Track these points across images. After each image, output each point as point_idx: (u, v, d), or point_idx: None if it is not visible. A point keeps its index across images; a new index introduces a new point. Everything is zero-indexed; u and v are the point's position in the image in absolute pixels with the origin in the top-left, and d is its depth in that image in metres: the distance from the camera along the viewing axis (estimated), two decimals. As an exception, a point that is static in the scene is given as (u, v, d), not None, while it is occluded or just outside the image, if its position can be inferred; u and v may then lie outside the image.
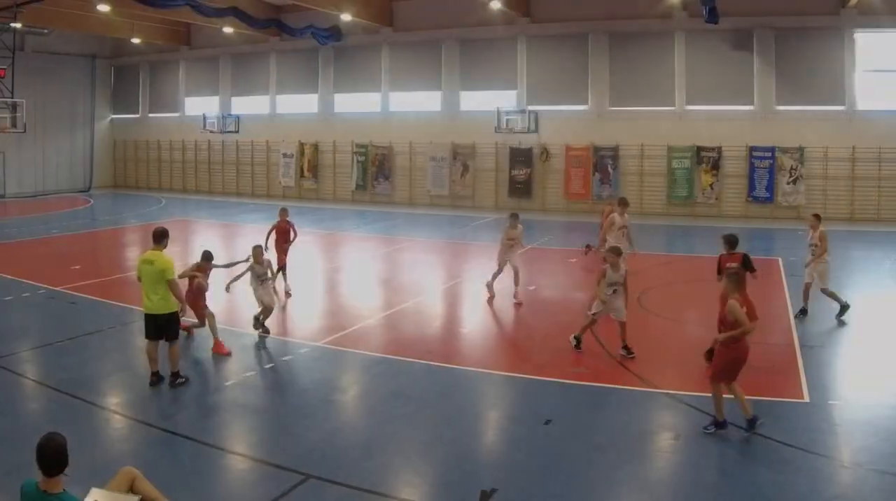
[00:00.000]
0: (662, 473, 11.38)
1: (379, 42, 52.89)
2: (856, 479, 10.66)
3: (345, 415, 13.81)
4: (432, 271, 28.60)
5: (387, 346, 17.71)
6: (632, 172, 47.27)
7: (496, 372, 15.80)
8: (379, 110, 53.13)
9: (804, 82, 44.46)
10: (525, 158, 49.14)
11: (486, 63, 50.18)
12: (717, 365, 12.32)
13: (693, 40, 46.26)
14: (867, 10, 41.96)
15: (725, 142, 44.94)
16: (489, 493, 10.18)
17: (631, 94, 47.36)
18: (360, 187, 53.37)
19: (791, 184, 44.72)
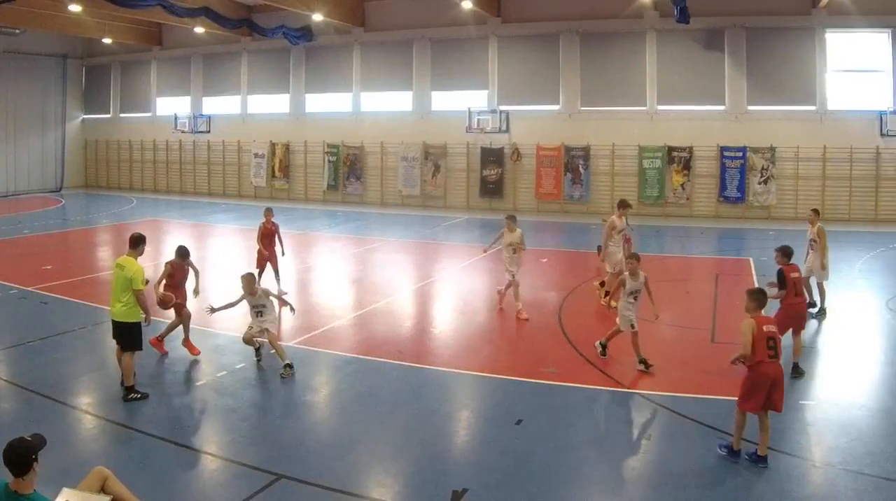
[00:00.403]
0: (634, 473, 11.00)
1: (350, 42, 51.48)
2: (827, 479, 10.41)
3: (316, 415, 13.52)
4: (404, 271, 27.85)
5: (358, 346, 17.31)
6: (603, 172, 46.08)
7: (468, 372, 15.35)
8: (350, 110, 51.85)
9: (775, 82, 43.38)
10: (496, 158, 47.84)
11: (458, 63, 48.92)
12: (740, 390, 11.26)
13: (664, 40, 45.02)
14: (838, 11, 41.00)
15: (697, 142, 43.88)
16: (461, 493, 9.95)
17: (602, 94, 46.19)
18: (332, 187, 51.77)
19: (762, 184, 43.52)
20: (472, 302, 21.97)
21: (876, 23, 41.39)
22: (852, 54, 42.80)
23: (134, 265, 13.34)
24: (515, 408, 13.18)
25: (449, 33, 48.30)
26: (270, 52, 53.90)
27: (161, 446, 11.61)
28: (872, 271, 26.49)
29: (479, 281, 22.87)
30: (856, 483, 10.14)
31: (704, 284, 24.33)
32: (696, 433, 12.10)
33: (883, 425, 12.45)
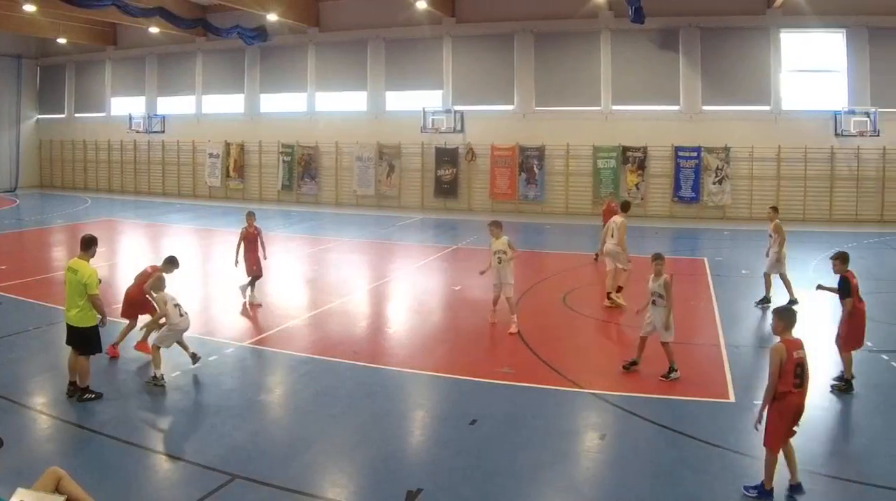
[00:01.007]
0: (589, 473, 10.60)
1: (305, 42, 49.21)
2: (782, 479, 9.69)
3: (271, 415, 12.93)
4: (359, 271, 26.68)
5: (313, 346, 16.69)
6: (558, 172, 44.34)
7: (422, 372, 14.81)
8: (305, 110, 49.60)
9: (730, 82, 41.47)
10: (451, 158, 45.88)
11: (412, 63, 46.97)
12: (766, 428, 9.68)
13: (619, 40, 43.08)
14: (793, 11, 39.29)
15: (651, 142, 42.16)
16: (415, 493, 9.55)
17: (557, 94, 44.35)
18: (286, 187, 49.47)
19: (717, 184, 41.54)
20: (427, 302, 21.30)
21: (831, 23, 39.79)
22: (807, 54, 41.11)
23: (87, 269, 12.51)
24: (470, 408, 12.70)
25: (403, 33, 46.36)
26: (225, 52, 51.43)
27: (115, 446, 11.13)
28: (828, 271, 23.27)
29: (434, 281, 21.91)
30: (810, 483, 9.70)
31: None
32: (651, 433, 11.69)
33: (837, 424, 12.21)
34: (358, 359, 15.39)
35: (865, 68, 39.96)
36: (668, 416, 12.07)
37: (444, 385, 14.14)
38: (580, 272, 25.59)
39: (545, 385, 13.84)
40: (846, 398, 13.15)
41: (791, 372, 9.27)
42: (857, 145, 39.42)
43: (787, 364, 9.27)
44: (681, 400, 12.77)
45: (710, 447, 10.94)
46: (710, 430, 11.48)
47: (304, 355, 15.87)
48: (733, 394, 13.31)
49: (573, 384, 13.81)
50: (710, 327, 17.92)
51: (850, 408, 12.79)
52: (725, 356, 15.36)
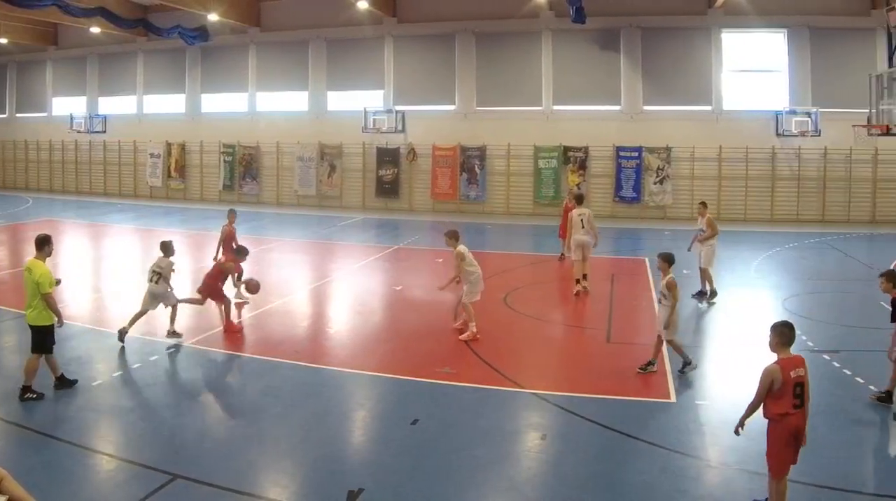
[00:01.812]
0: (529, 473, 9.95)
1: (246, 42, 45.71)
2: (723, 479, 9.52)
3: (213, 415, 12.22)
4: (300, 271, 25.10)
5: (255, 346, 15.78)
6: (499, 172, 41.25)
7: (364, 372, 13.99)
8: (246, 110, 45.80)
9: (671, 82, 38.76)
10: (392, 158, 42.72)
11: (353, 63, 43.74)
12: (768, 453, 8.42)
13: (560, 40, 40.18)
14: (734, 11, 36.88)
15: (592, 142, 39.34)
16: (356, 493, 9.00)
17: (498, 94, 41.26)
18: (228, 187, 45.59)
19: (658, 184, 38.70)
20: (368, 302, 20.19)
21: (772, 23, 37.29)
22: (748, 54, 38.52)
23: (40, 268, 11.88)
24: (412, 408, 12.03)
25: (345, 33, 43.20)
26: (166, 52, 47.66)
27: (57, 446, 10.44)
28: (769, 271, 24.33)
29: (376, 281, 20.98)
30: (752, 483, 9.21)
31: (600, 284, 21.78)
32: (591, 432, 11.07)
33: None
34: (299, 359, 14.65)
35: (807, 68, 37.51)
36: (609, 416, 11.49)
37: (386, 385, 13.41)
38: (521, 272, 24.17)
39: (486, 385, 13.12)
40: None
41: (790, 392, 8.06)
42: (799, 145, 36.98)
43: (786, 385, 8.05)
44: (622, 399, 12.25)
45: (651, 446, 10.39)
46: (651, 430, 10.97)
47: (246, 355, 15.12)
48: (674, 394, 12.64)
49: (514, 384, 13.11)
50: (651, 327, 16.16)
51: None
52: (666, 356, 14.22)
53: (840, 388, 12.90)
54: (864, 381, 13.07)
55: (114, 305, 18.84)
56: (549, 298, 21.07)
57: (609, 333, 16.72)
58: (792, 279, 23.35)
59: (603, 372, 13.91)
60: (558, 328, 17.62)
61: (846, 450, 10.38)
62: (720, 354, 15.42)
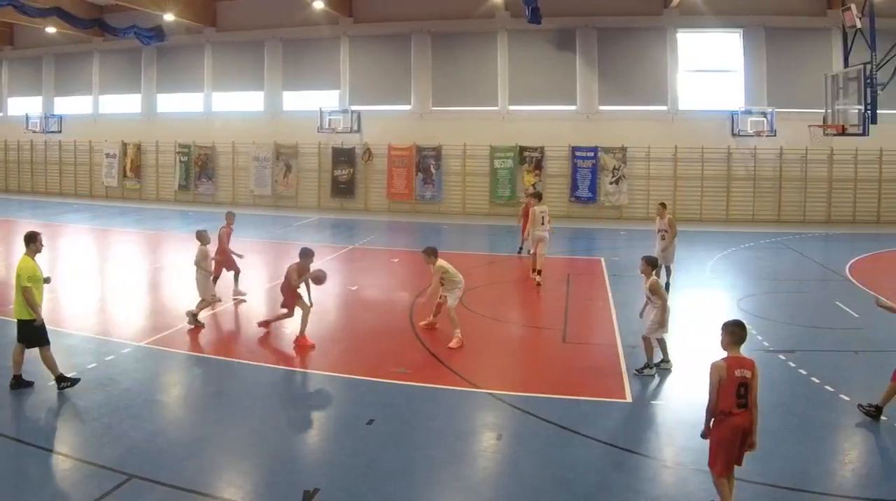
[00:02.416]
0: (485, 473, 9.36)
1: (202, 42, 42.63)
2: (678, 479, 8.96)
3: (168, 415, 11.23)
4: (255, 271, 22.85)
5: (210, 346, 14.80)
6: (455, 172, 38.62)
7: (319, 372, 13.20)
8: (202, 110, 42.62)
9: (627, 82, 36.39)
10: (348, 158, 39.91)
11: (309, 63, 40.88)
12: (710, 451, 7.96)
13: (516, 40, 37.67)
14: (690, 11, 34.74)
15: (548, 142, 36.90)
16: (312, 493, 8.50)
17: (454, 94, 38.61)
18: (183, 187, 42.45)
19: (614, 184, 36.36)
20: (323, 302, 17.79)
21: (727, 23, 35.10)
22: (704, 54, 36.24)
23: (23, 263, 11.43)
24: (367, 408, 11.22)
25: (300, 33, 40.35)
26: (122, 52, 44.44)
27: (12, 446, 9.84)
28: (724, 271, 23.19)
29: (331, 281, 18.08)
30: (707, 484, 8.32)
31: (556, 284, 20.85)
32: (547, 432, 10.30)
33: None
34: (254, 359, 13.87)
35: (762, 68, 35.35)
36: (565, 416, 10.82)
37: (341, 385, 12.64)
38: (477, 272, 22.31)
39: (442, 385, 12.45)
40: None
41: (733, 392, 7.65)
42: (754, 145, 34.89)
43: (728, 383, 7.67)
44: (577, 399, 11.58)
45: (606, 447, 9.82)
46: (606, 430, 10.40)
47: (201, 355, 14.25)
48: (629, 394, 11.95)
49: (470, 384, 12.43)
50: (607, 327, 16.09)
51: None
52: (622, 356, 13.76)
53: (796, 388, 12.25)
54: (820, 381, 12.43)
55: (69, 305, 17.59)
56: (505, 298, 19.88)
57: (565, 333, 15.75)
58: (747, 279, 22.20)
59: (559, 372, 13.19)
60: (514, 328, 16.60)
61: (802, 450, 9.79)
62: (675, 354, 13.99)
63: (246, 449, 10.13)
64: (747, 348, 13.63)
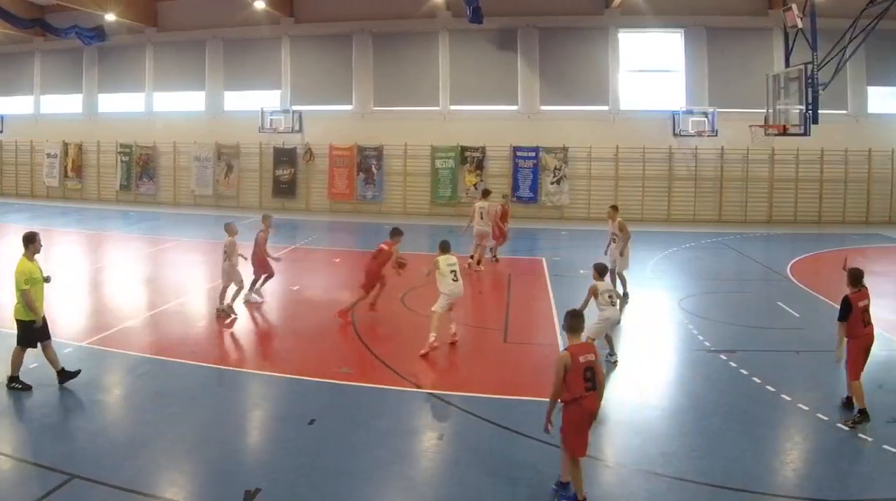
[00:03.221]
0: (427, 473, 8.82)
1: (143, 42, 38.50)
2: (620, 479, 8.50)
3: (110, 415, 10.48)
4: (197, 271, 21.80)
5: (151, 346, 13.39)
6: (396, 172, 35.07)
7: (261, 372, 12.18)
8: (143, 110, 38.69)
9: (568, 82, 33.26)
10: (289, 158, 36.15)
11: (251, 63, 36.89)
12: (562, 434, 7.84)
13: (457, 40, 34.31)
14: (631, 11, 31.70)
15: (489, 142, 33.58)
16: (253, 493, 7.97)
17: (395, 94, 35.08)
18: (125, 187, 38.22)
19: (555, 183, 33.12)
20: (265, 302, 17.11)
21: (669, 23, 32.16)
22: (645, 54, 33.17)
23: (20, 265, 10.76)
24: (309, 408, 10.36)
25: (242, 33, 36.45)
26: (64, 52, 40.10)
27: None
28: (665, 271, 21.67)
29: (273, 281, 17.74)
30: (648, 483, 8.26)
31: (498, 284, 19.69)
32: (489, 432, 9.68)
33: (675, 425, 10.02)
34: (196, 359, 12.68)
35: (704, 68, 32.38)
36: (506, 416, 10.00)
37: (283, 384, 11.59)
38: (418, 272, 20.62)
39: (384, 385, 11.48)
40: (685, 398, 11.04)
41: (581, 377, 7.53)
42: (696, 145, 31.91)
43: (575, 369, 7.51)
44: (518, 399, 10.65)
45: (547, 446, 8.80)
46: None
47: (142, 355, 12.91)
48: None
49: (412, 384, 11.50)
50: (549, 327, 14.98)
51: (688, 409, 10.55)
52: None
53: (737, 388, 11.42)
54: (762, 381, 11.60)
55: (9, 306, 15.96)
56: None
57: (506, 333, 14.73)
58: (688, 279, 20.64)
59: (500, 372, 12.31)
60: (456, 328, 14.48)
61: (744, 450, 9.09)
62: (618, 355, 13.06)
63: (188, 449, 9.35)
64: (688, 348, 13.41)
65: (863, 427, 9.92)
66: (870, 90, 31.59)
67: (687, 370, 12.64)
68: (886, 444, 9.21)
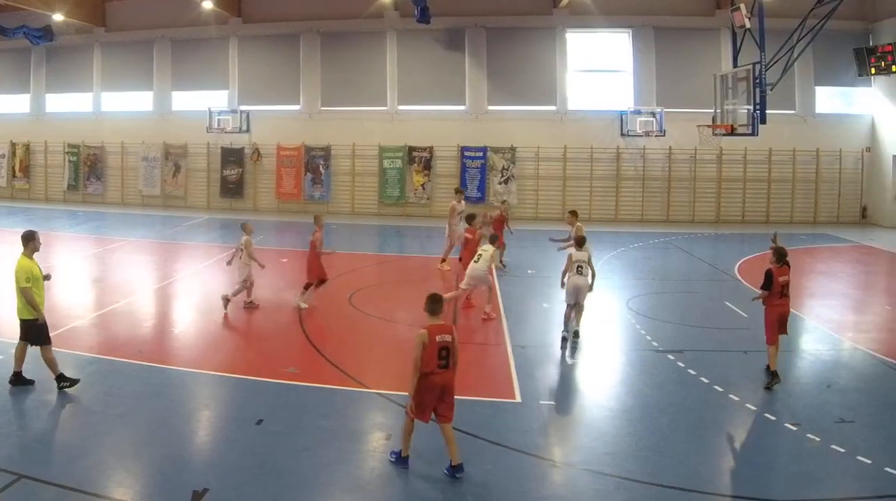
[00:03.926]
0: (374, 473, 8.05)
1: (91, 42, 35.13)
2: (568, 479, 7.90)
3: (57, 415, 9.70)
4: (145, 271, 20.02)
5: (99, 346, 12.30)
6: (344, 172, 32.10)
7: (209, 372, 11.20)
8: (91, 110, 35.43)
9: (516, 82, 30.44)
10: (237, 158, 32.98)
11: (199, 63, 33.72)
12: (411, 400, 7.88)
13: (405, 40, 31.40)
14: (579, 11, 28.95)
15: (437, 142, 30.74)
16: (201, 493, 7.36)
17: (343, 94, 32.07)
18: (73, 187, 34.77)
19: (503, 183, 30.26)
20: (213, 302, 15.25)
21: (617, 23, 29.57)
22: (593, 54, 30.49)
23: (20, 263, 10.08)
24: (257, 408, 9.61)
25: (190, 33, 33.28)
26: (11, 52, 36.45)
27: None
28: (613, 271, 20.05)
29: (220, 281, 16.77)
30: (596, 483, 7.70)
31: (445, 284, 17.36)
32: (437, 432, 8.08)
33: (623, 425, 9.32)
34: (143, 359, 11.53)
35: (651, 68, 29.75)
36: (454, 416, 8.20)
37: (231, 385, 10.66)
38: (366, 272, 20.00)
39: (332, 385, 10.55)
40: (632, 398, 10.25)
41: (435, 355, 7.62)
42: (643, 145, 29.37)
43: (431, 347, 7.61)
44: (467, 399, 9.39)
45: (495, 446, 8.45)
46: (495, 430, 8.87)
47: (89, 355, 11.69)
48: (519, 394, 10.15)
49: (359, 384, 10.56)
50: (496, 327, 13.68)
51: (636, 409, 9.81)
52: (511, 356, 11.78)
53: (685, 388, 10.47)
54: (710, 381, 10.66)
55: None
56: (393, 298, 16.98)
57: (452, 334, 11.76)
58: (636, 279, 19.12)
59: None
60: (403, 328, 13.73)
61: (692, 450, 8.44)
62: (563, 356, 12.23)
63: (136, 449, 8.47)
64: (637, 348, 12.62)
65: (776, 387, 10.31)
66: (818, 90, 29.23)
67: (635, 370, 11.72)
68: (834, 444, 8.53)
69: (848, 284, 18.68)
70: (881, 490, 7.51)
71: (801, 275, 19.07)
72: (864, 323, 14.40)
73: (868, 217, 28.91)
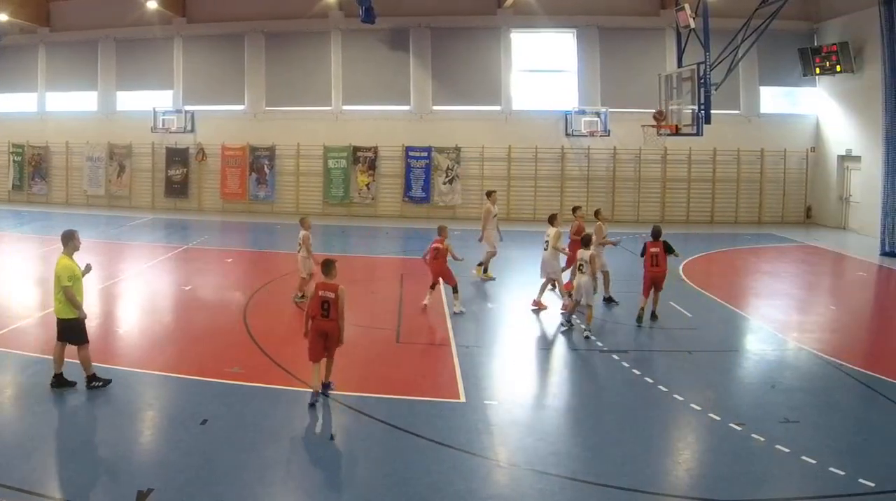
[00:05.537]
0: (319, 473, 6.94)
1: (35, 42, 29.53)
2: (512, 479, 6.73)
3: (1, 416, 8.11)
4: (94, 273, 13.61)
5: (43, 346, 10.33)
6: (288, 172, 26.92)
7: (153, 372, 9.56)
8: (35, 110, 29.99)
9: (461, 82, 25.57)
10: (181, 158, 27.69)
11: (143, 63, 28.24)
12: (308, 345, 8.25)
13: (350, 40, 26.34)
14: (523, 11, 24.29)
15: (382, 142, 25.77)
16: (146, 493, 6.24)
17: (287, 94, 26.90)
18: (17, 187, 29.75)
19: (447, 184, 25.41)
20: (157, 302, 13.72)
21: (561, 23, 24.92)
22: (538, 54, 25.68)
23: (61, 262, 8.77)
24: (201, 408, 8.17)
25: (134, 33, 27.84)
26: (-44, 52, 30.50)
27: None
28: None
29: (165, 280, 14.71)
30: (541, 483, 6.55)
31: (390, 284, 15.38)
32: (381, 433, 7.63)
33: (568, 425, 8.14)
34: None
35: (596, 68, 25.04)
36: (399, 416, 7.91)
37: (175, 384, 9.10)
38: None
39: (276, 384, 9.01)
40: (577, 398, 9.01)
41: (318, 305, 7.99)
42: (588, 145, 24.67)
43: (315, 299, 8.02)
44: (412, 400, 8.45)
45: (440, 446, 7.21)
46: (440, 430, 7.58)
47: (33, 355, 9.96)
48: (464, 394, 8.70)
49: (304, 384, 8.87)
50: (441, 327, 11.79)
51: (581, 408, 8.60)
52: (456, 356, 10.15)
53: (629, 389, 9.08)
54: (654, 381, 9.14)
55: None
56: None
57: (398, 333, 11.35)
58: None
59: (392, 372, 9.59)
60: (348, 328, 9.66)
61: (636, 450, 7.21)
62: (508, 354, 10.64)
63: (79, 449, 7.21)
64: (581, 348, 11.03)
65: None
66: (762, 90, 24.81)
67: (579, 370, 10.07)
68: (779, 444, 7.19)
69: (792, 284, 16.16)
70: (825, 490, 6.35)
71: (745, 275, 17.06)
72: (809, 323, 12.47)
73: (813, 217, 24.48)
